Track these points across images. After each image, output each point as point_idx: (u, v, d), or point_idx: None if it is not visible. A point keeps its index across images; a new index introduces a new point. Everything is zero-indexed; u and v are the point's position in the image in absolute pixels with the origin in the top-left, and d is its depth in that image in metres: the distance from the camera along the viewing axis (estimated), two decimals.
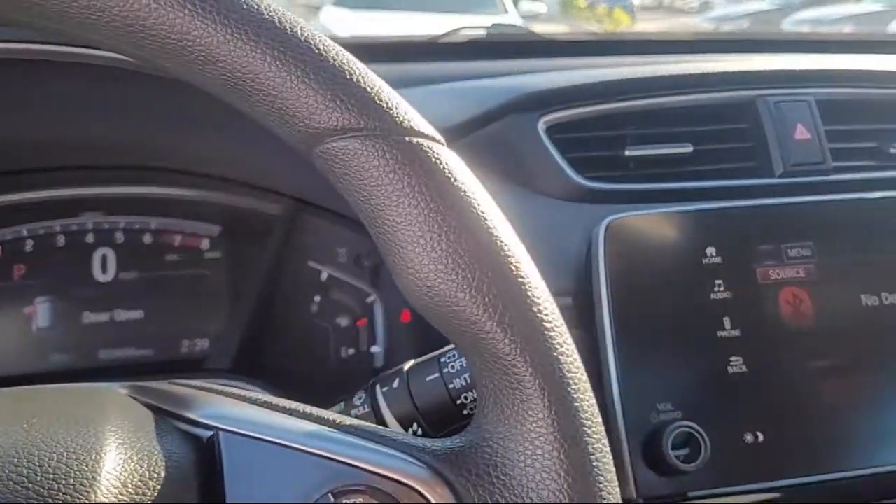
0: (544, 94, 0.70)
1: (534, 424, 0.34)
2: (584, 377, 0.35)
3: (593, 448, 0.34)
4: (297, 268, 0.77)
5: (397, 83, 0.98)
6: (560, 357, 0.34)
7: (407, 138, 0.34)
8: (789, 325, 0.61)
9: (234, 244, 0.77)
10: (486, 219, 0.34)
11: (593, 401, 0.35)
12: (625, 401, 0.58)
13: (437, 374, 0.48)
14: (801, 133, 0.71)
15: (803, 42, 1.08)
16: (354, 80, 0.34)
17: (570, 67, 0.87)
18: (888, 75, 0.75)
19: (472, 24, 1.49)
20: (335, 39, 0.37)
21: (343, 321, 0.77)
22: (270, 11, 0.33)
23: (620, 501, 0.35)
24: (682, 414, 0.58)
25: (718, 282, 0.62)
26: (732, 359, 0.60)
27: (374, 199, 0.34)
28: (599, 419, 0.35)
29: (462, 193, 0.34)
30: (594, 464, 0.34)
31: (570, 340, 0.35)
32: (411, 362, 0.50)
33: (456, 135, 0.72)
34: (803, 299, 0.62)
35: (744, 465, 0.58)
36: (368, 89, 0.34)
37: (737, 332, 0.61)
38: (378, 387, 0.49)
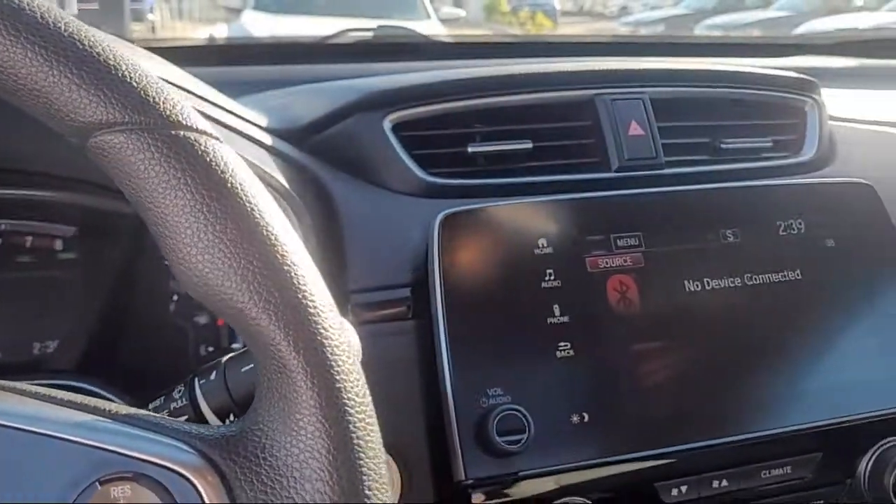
0: (389, 93, 0.72)
1: (299, 406, 0.35)
2: (351, 360, 0.37)
3: (356, 426, 0.36)
4: (154, 267, 0.77)
5: (283, 83, 0.99)
6: (325, 340, 0.36)
7: (173, 132, 0.35)
8: (616, 311, 0.65)
9: (89, 245, 0.76)
10: (253, 208, 0.36)
11: (360, 382, 0.37)
12: (456, 387, 0.60)
13: (251, 365, 0.49)
14: (636, 129, 0.74)
15: (664, 44, 1.14)
16: (120, 74, 0.35)
17: (448, 68, 0.90)
18: (719, 75, 0.80)
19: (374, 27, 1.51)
20: (215, 41, 0.37)
21: (202, 319, 0.78)
22: (33, 6, 0.34)
23: (385, 476, 0.37)
24: (512, 398, 0.60)
25: (549, 271, 0.65)
26: (561, 344, 0.63)
27: (144, 191, 0.35)
28: (367, 399, 0.37)
29: (229, 185, 0.35)
30: (357, 441, 0.36)
31: (336, 325, 0.37)
32: (231, 354, 0.51)
33: (308, 133, 0.74)
34: (629, 286, 0.66)
35: (571, 444, 0.61)
36: (134, 84, 0.35)
37: (566, 319, 0.64)
38: (196, 380, 0.50)
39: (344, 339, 0.37)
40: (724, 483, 0.64)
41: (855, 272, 0.71)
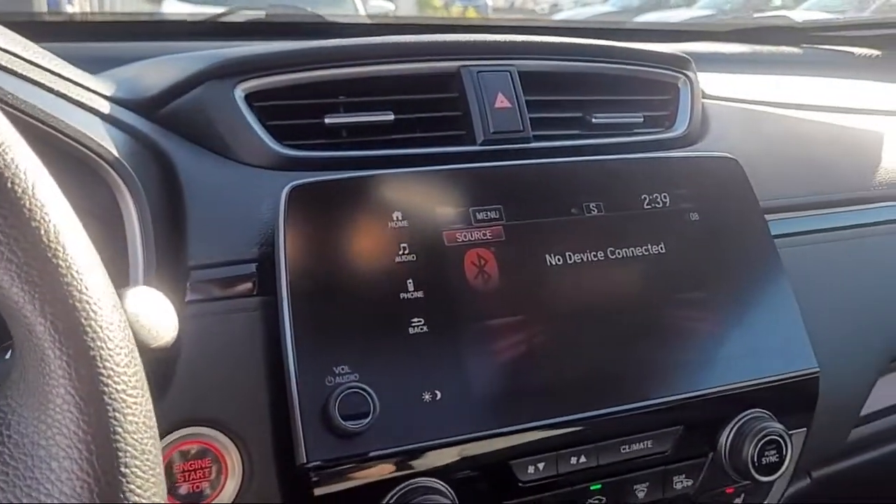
0: (240, 60, 0.68)
1: (48, 378, 0.32)
2: (119, 336, 0.33)
3: (115, 401, 0.33)
4: None
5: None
6: (79, 306, 0.32)
7: None
8: (473, 285, 0.63)
9: None
10: (15, 174, 0.32)
11: (128, 358, 0.34)
12: (300, 366, 0.57)
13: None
14: (502, 102, 0.73)
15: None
16: None
17: None
18: (589, 49, 0.79)
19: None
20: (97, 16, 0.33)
21: None
22: None
23: (154, 455, 0.34)
24: (359, 377, 0.58)
25: (404, 245, 0.62)
26: (414, 320, 0.61)
27: None
28: (134, 376, 0.34)
29: None
30: (115, 417, 0.33)
31: (102, 297, 0.33)
32: None
33: (156, 104, 0.69)
34: (488, 260, 0.64)
35: (421, 423, 0.58)
36: None
37: (420, 294, 0.61)
38: None
39: (108, 311, 0.33)
40: (583, 459, 0.63)
41: (718, 246, 0.71)
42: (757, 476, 0.66)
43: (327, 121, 0.68)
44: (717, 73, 1.00)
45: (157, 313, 0.43)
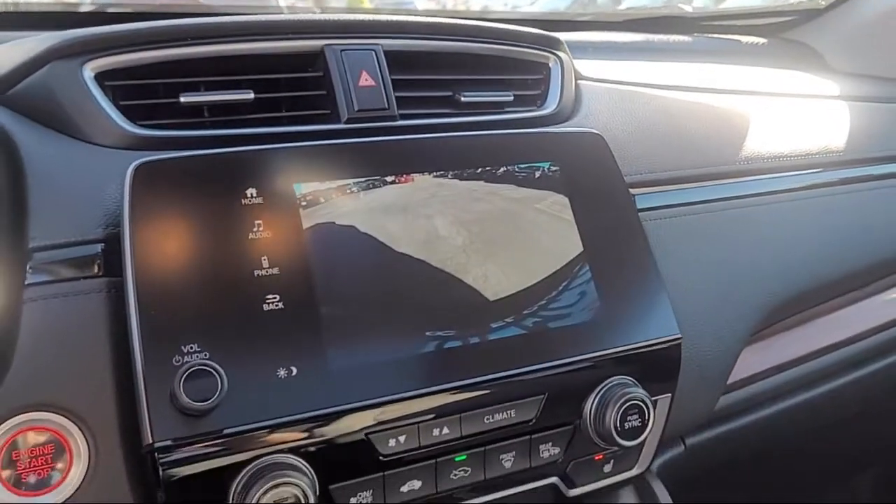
0: (86, 39, 0.66)
1: None
2: None
3: None
4: None
5: None
6: None
7: None
8: (330, 261, 0.62)
9: None
10: None
11: None
12: (146, 345, 0.56)
13: None
14: (367, 80, 0.73)
15: None
16: None
17: None
18: (457, 28, 0.80)
19: None
20: None
21: None
22: None
23: None
24: (210, 355, 0.57)
25: (258, 222, 0.61)
26: (269, 297, 0.60)
27: None
28: None
29: None
30: None
31: None
32: None
33: (4, 86, 0.67)
34: (345, 235, 0.64)
35: (276, 399, 0.58)
36: None
37: (275, 271, 0.61)
38: None
39: None
40: (446, 430, 0.63)
41: (582, 219, 0.72)
42: (620, 441, 0.68)
43: (183, 99, 0.67)
44: (609, 60, 1.02)
45: None
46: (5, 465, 0.55)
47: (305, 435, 0.59)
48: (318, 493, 0.58)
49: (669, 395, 0.73)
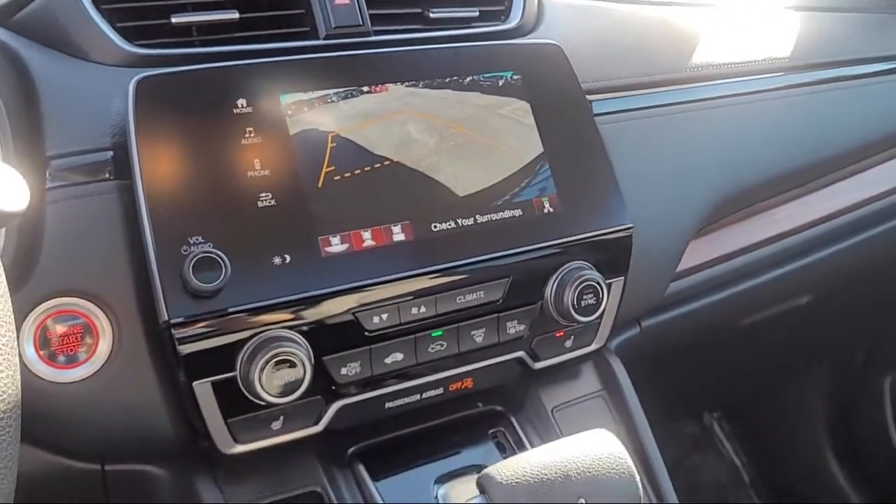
0: None
1: None
2: None
3: None
4: None
5: None
6: None
7: None
8: (312, 162, 0.70)
9: None
10: None
11: None
12: (156, 237, 0.64)
13: None
14: None
15: None
16: None
17: None
18: None
19: None
20: None
21: None
22: None
23: None
24: (213, 244, 0.65)
25: (249, 129, 0.69)
26: (262, 195, 0.68)
27: None
28: None
29: None
30: None
31: None
32: None
33: (10, 11, 0.73)
34: (329, 138, 0.71)
35: (272, 283, 0.66)
36: None
37: (266, 172, 0.68)
38: None
39: None
40: (423, 309, 0.72)
41: (542, 122, 0.79)
42: (577, 317, 0.77)
43: (174, 20, 0.73)
44: None
45: (5, 181, 0.49)
46: (41, 344, 0.64)
47: (300, 313, 0.67)
48: (313, 362, 0.67)
49: (622, 278, 0.82)
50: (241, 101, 0.69)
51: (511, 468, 0.60)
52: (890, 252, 1.19)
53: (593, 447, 0.62)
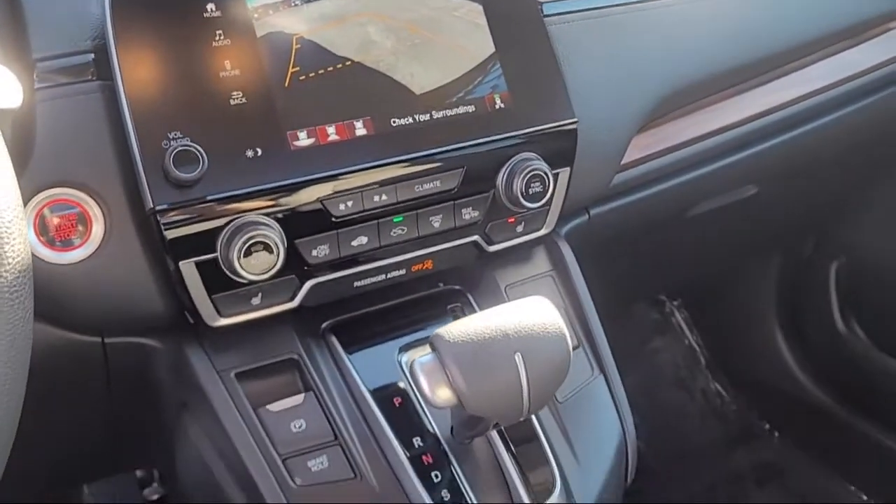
0: None
1: None
2: None
3: None
4: None
5: None
6: None
7: None
8: (278, 62, 0.76)
9: None
10: None
11: None
12: (139, 133, 0.70)
13: None
14: None
15: None
16: None
17: None
18: None
19: None
20: None
21: None
22: None
23: None
24: (191, 139, 0.72)
25: (219, 32, 0.75)
26: (234, 93, 0.74)
27: None
28: None
29: None
30: None
31: None
32: None
33: None
34: (289, 43, 0.77)
35: (246, 173, 0.74)
36: None
37: (237, 72, 0.75)
38: None
39: None
40: (384, 196, 0.80)
41: (491, 24, 0.85)
42: (526, 203, 0.85)
43: None
44: None
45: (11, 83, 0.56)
46: (41, 231, 0.71)
47: (272, 201, 0.75)
48: (286, 245, 0.75)
49: (568, 168, 0.90)
50: (210, 6, 0.75)
51: (458, 329, 0.70)
52: (828, 146, 1.27)
53: (529, 310, 0.71)
